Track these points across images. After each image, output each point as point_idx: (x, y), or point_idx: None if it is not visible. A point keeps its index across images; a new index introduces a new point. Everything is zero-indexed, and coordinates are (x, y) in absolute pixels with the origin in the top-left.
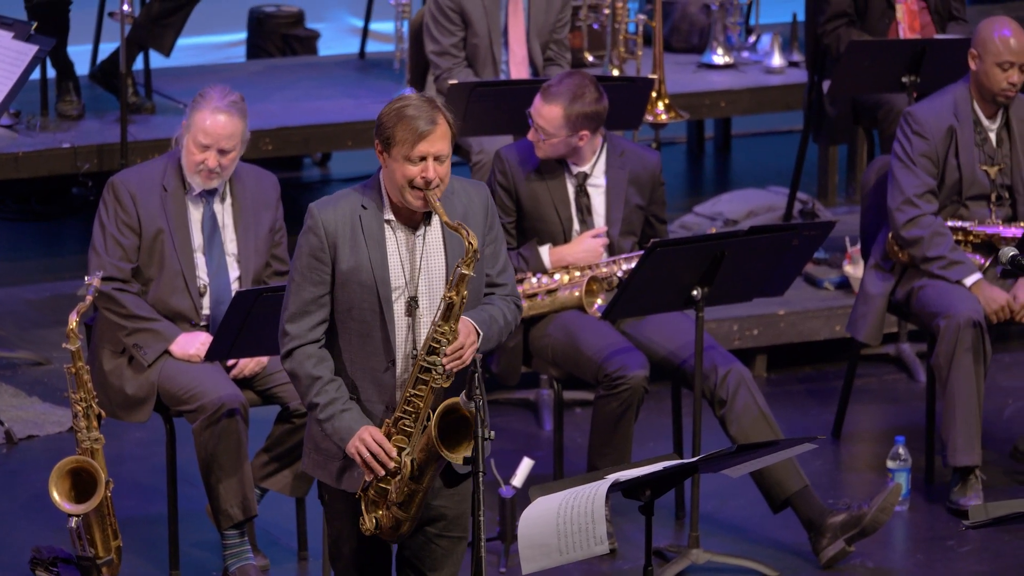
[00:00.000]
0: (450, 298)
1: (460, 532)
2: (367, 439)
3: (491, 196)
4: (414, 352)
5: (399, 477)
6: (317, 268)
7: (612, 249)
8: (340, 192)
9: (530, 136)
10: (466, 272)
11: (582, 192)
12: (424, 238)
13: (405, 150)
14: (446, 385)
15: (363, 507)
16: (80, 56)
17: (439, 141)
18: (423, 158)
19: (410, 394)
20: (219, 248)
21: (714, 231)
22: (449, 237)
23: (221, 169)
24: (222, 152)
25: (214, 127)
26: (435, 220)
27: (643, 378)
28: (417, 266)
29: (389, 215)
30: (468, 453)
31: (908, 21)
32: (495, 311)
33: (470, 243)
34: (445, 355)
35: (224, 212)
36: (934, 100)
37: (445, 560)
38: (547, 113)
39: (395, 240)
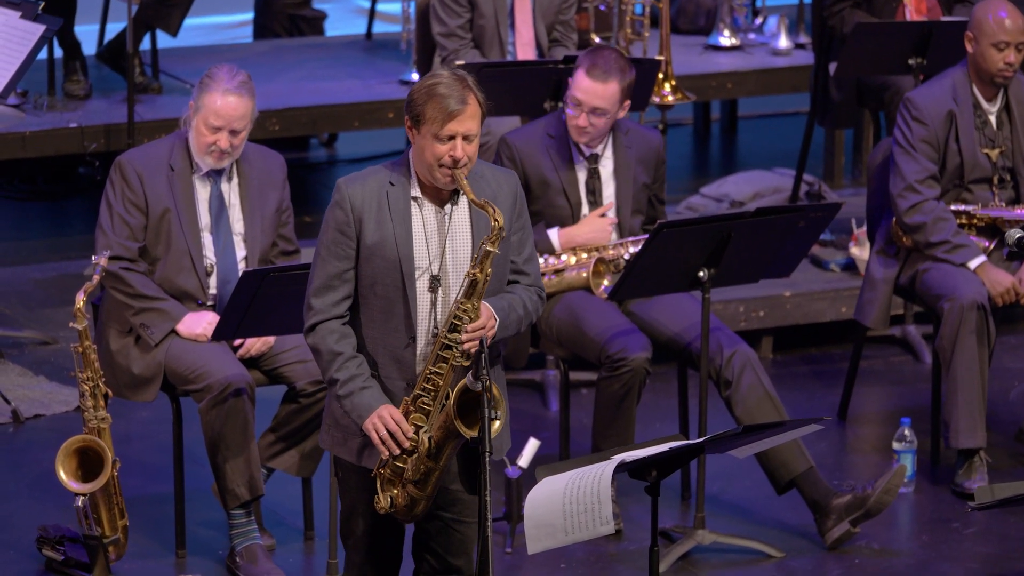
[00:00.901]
0: (474, 275)
1: (475, 517)
2: (385, 417)
3: (520, 185)
4: (435, 330)
5: (416, 455)
6: (342, 242)
7: (622, 228)
8: (369, 168)
9: (580, 123)
10: (491, 249)
11: (594, 174)
12: (451, 216)
13: (435, 128)
14: (466, 364)
15: (378, 485)
16: (87, 36)
17: (468, 120)
18: (452, 137)
19: (430, 371)
20: (226, 227)
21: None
22: (476, 217)
23: (232, 149)
24: (233, 133)
25: (225, 108)
26: (462, 199)
27: (644, 360)
28: (442, 244)
29: (416, 192)
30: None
31: (915, 4)
32: (515, 299)
33: (496, 220)
34: (466, 331)
35: (231, 192)
36: (933, 85)
37: (465, 545)
38: (606, 92)
39: (421, 217)
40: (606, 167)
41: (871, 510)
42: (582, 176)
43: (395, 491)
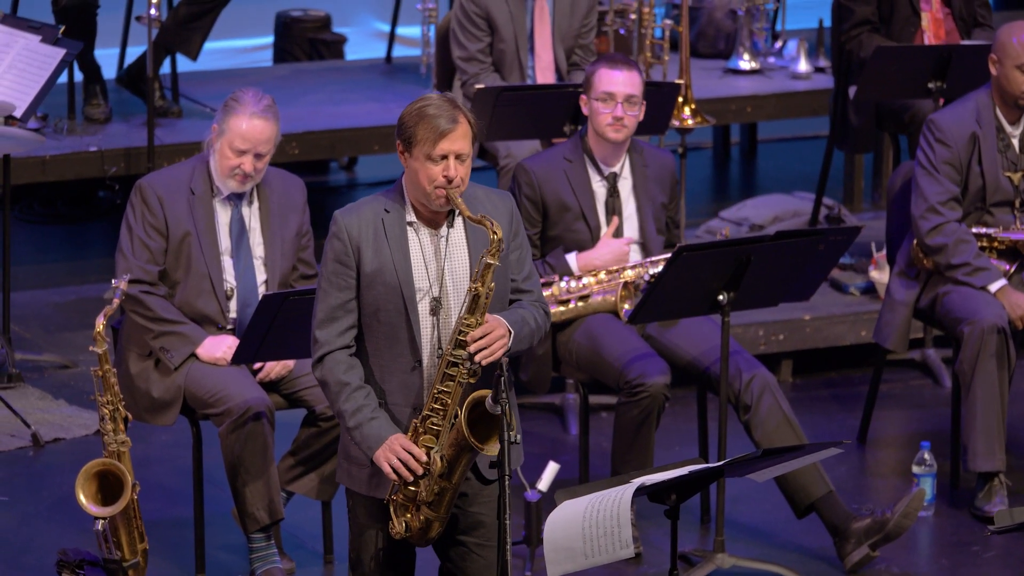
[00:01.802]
0: (475, 289)
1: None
2: (396, 448)
3: (516, 205)
4: (439, 351)
5: (428, 476)
6: (342, 273)
7: (646, 248)
8: (364, 199)
9: (617, 113)
10: (492, 262)
11: (614, 192)
12: (447, 239)
13: (427, 149)
14: (473, 380)
15: (392, 511)
16: (107, 60)
17: (460, 140)
18: (444, 157)
19: (437, 391)
20: (246, 251)
21: (727, 232)
22: (472, 237)
23: (255, 173)
24: (258, 156)
25: (252, 132)
26: (457, 221)
27: (663, 385)
28: (441, 266)
29: (411, 217)
30: (498, 444)
31: (933, 29)
32: (526, 314)
33: (495, 233)
34: (470, 342)
35: (252, 215)
36: (956, 107)
37: (487, 571)
38: (632, 79)
39: (418, 241)
40: (625, 187)
41: (890, 534)
42: (601, 197)
43: (409, 515)
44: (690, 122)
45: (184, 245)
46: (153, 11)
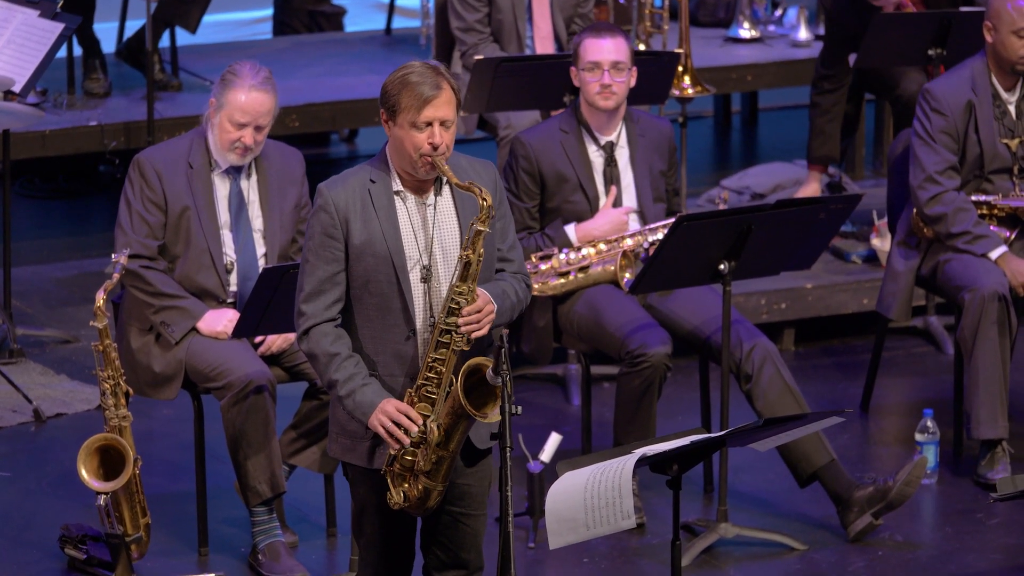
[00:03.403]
0: (467, 256)
1: (484, 510)
2: (390, 410)
3: (498, 173)
4: (432, 320)
5: (425, 445)
6: (330, 245)
7: (644, 216)
8: (348, 170)
9: (604, 81)
10: (482, 228)
11: (611, 162)
12: (435, 207)
13: (411, 116)
14: (467, 348)
15: (390, 482)
16: (106, 34)
17: (444, 106)
18: (429, 124)
19: (431, 359)
20: (246, 224)
21: (725, 196)
22: (460, 204)
23: (255, 145)
24: (258, 129)
25: (251, 105)
26: (445, 189)
27: (664, 355)
28: (430, 234)
29: (398, 186)
30: (495, 411)
31: None
32: (507, 286)
33: (484, 199)
34: (463, 315)
35: (250, 188)
36: (951, 76)
37: (474, 539)
38: (618, 46)
39: (406, 210)
40: (622, 156)
41: (893, 502)
42: (599, 167)
43: (406, 485)
44: (690, 91)
45: (183, 219)
46: None
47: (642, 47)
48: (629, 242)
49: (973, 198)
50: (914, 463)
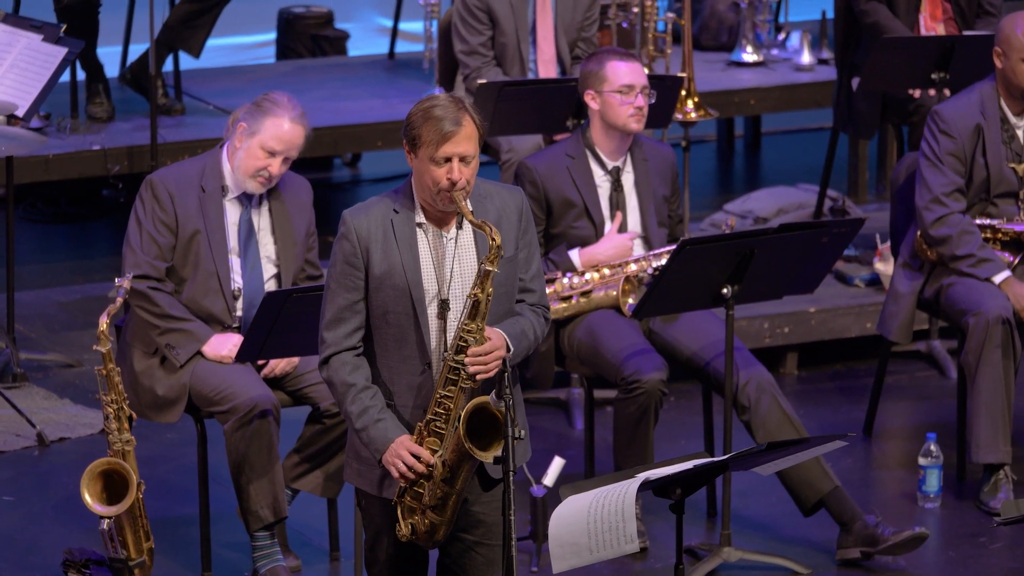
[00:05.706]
0: (475, 295)
1: (499, 540)
2: (402, 453)
3: (526, 200)
4: (446, 354)
5: (432, 480)
6: (351, 274)
7: (649, 242)
8: (373, 199)
9: (639, 103)
10: (490, 268)
11: (617, 187)
12: (456, 240)
13: (430, 151)
14: (475, 386)
15: (399, 513)
16: (110, 58)
17: (464, 142)
18: (448, 159)
19: (440, 395)
20: (255, 251)
21: (732, 223)
22: (481, 239)
23: (277, 176)
24: (285, 160)
25: (290, 136)
26: (466, 222)
27: (659, 381)
28: (449, 268)
29: (420, 218)
30: (499, 452)
31: (930, 10)
32: (526, 324)
33: (493, 239)
34: (469, 355)
35: (261, 216)
36: (961, 98)
37: (487, 568)
38: (641, 68)
39: (427, 243)
40: (627, 181)
41: (880, 553)
42: (604, 192)
43: (415, 518)
44: (693, 115)
45: (193, 243)
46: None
47: (645, 71)
48: (633, 267)
49: (978, 221)
50: (914, 534)
